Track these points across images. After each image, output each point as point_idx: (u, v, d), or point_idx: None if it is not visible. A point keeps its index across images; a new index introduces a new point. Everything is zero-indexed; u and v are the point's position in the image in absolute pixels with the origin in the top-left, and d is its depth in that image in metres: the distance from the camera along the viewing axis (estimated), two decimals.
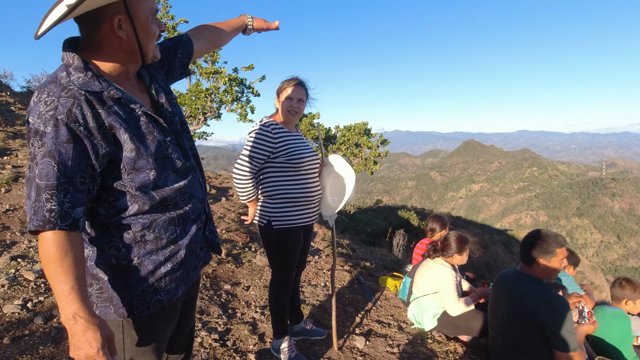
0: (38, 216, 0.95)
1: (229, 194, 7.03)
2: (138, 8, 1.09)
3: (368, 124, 11.98)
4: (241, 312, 3.12)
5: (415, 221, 18.66)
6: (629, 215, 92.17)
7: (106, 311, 1.15)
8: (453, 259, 3.07)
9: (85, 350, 0.96)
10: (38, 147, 0.97)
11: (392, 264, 5.40)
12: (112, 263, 1.14)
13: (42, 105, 0.98)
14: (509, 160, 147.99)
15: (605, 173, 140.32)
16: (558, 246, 2.22)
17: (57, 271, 0.95)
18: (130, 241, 1.15)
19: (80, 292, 0.97)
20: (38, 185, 0.95)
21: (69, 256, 0.97)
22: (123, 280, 1.16)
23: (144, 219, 1.16)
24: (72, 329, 0.96)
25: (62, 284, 0.95)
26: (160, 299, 1.22)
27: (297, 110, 2.33)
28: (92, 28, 1.07)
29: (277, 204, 2.26)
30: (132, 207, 1.14)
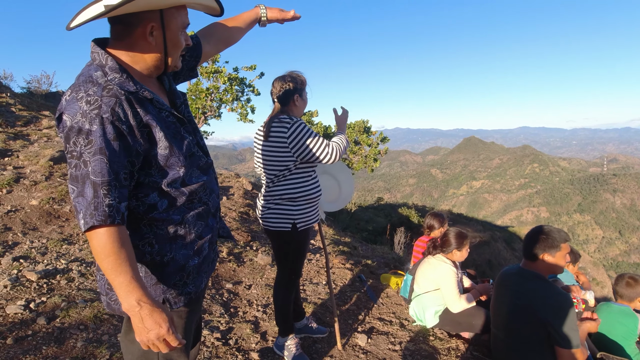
0: (99, 212, 0.98)
1: (230, 192, 7.04)
2: (172, 20, 1.15)
3: (368, 122, 11.99)
4: (243, 310, 3.13)
5: (415, 218, 18.68)
6: (631, 210, 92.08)
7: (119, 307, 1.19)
8: (453, 255, 3.07)
9: (156, 331, 1.04)
10: (84, 145, 1.00)
11: (393, 262, 5.40)
12: (147, 259, 1.18)
13: (84, 103, 1.01)
14: (509, 156, 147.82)
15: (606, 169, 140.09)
16: (562, 241, 2.23)
17: (116, 263, 1.00)
18: (163, 237, 1.19)
19: (139, 280, 1.03)
20: (94, 182, 0.99)
21: (124, 248, 1.02)
22: (157, 275, 1.20)
23: (176, 215, 1.21)
24: (138, 315, 1.02)
25: (122, 275, 1.00)
26: (189, 291, 1.28)
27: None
28: (125, 30, 1.12)
29: (299, 206, 2.25)
30: (163, 202, 1.18)
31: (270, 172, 2.25)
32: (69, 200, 4.62)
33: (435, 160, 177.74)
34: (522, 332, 2.25)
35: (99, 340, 2.37)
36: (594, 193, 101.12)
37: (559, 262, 2.22)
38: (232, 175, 8.53)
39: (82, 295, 2.81)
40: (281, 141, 2.15)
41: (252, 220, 5.84)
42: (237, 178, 8.16)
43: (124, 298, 1.01)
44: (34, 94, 10.82)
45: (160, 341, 1.05)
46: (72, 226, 4.11)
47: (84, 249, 3.64)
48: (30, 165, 5.47)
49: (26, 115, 8.16)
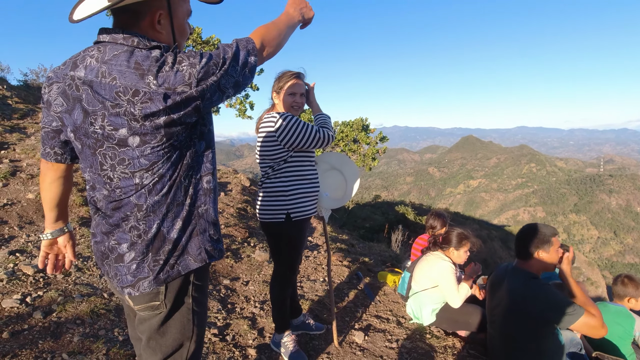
0: None
1: (228, 189, 7.02)
2: (178, 7, 1.18)
3: (367, 120, 11.97)
4: (240, 307, 3.13)
5: (411, 216, 18.73)
6: (626, 211, 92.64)
7: (186, 264, 1.21)
8: (450, 254, 3.07)
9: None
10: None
11: (390, 259, 5.42)
12: (185, 212, 1.19)
13: (185, 64, 1.06)
14: (507, 156, 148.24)
15: (602, 169, 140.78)
16: (552, 235, 2.25)
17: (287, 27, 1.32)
18: (200, 188, 1.23)
19: None
20: None
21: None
22: (194, 227, 1.23)
23: (210, 164, 1.26)
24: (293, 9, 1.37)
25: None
26: (221, 248, 1.32)
27: (300, 105, 2.33)
28: (132, 19, 1.13)
29: (294, 197, 2.26)
30: (201, 144, 1.22)
31: (265, 165, 2.29)
32: None
33: (433, 158, 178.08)
34: (520, 331, 2.26)
35: (95, 335, 2.36)
36: (590, 193, 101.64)
37: (552, 258, 2.24)
38: (230, 171, 8.52)
39: (78, 290, 2.80)
40: (270, 134, 2.18)
41: (249, 216, 5.83)
42: (235, 174, 8.15)
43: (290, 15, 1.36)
44: (30, 87, 10.75)
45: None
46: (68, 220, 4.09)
47: (81, 243, 3.62)
48: (26, 158, 5.43)
49: (23, 108, 8.10)
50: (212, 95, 1.10)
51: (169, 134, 1.08)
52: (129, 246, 1.15)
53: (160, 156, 1.10)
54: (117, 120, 1.04)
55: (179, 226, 1.18)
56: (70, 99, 1.11)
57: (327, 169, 2.71)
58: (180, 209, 1.18)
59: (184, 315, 1.24)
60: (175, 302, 1.22)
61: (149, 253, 1.16)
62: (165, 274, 1.17)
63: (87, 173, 1.18)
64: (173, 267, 1.19)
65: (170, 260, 1.18)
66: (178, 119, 1.07)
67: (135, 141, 1.06)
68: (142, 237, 1.14)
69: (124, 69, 1.03)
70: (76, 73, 1.09)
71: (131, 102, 1.02)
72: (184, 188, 1.18)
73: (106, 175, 1.12)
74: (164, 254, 1.16)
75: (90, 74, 1.06)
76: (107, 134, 1.06)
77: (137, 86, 1.01)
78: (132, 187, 1.11)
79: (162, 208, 1.14)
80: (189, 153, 1.18)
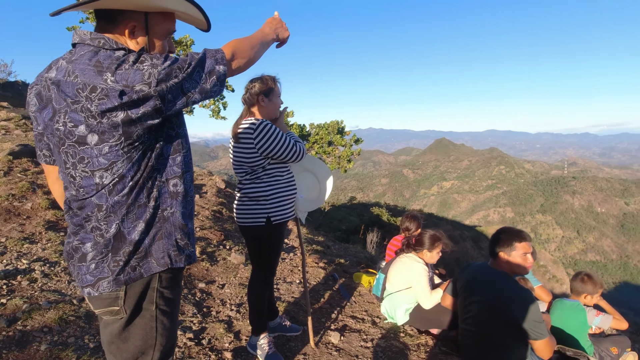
0: None
1: (203, 191, 6.92)
2: (156, 23, 1.21)
3: (342, 123, 12.08)
4: (216, 310, 3.10)
5: (385, 217, 19.05)
6: (588, 211, 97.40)
7: (149, 266, 1.21)
8: (424, 255, 3.16)
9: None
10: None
11: (365, 261, 5.49)
12: (149, 213, 1.20)
13: (147, 65, 1.08)
14: (478, 158, 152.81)
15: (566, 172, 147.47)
16: (518, 241, 2.31)
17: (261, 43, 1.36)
18: (166, 191, 1.24)
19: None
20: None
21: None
22: (158, 230, 1.23)
23: (178, 168, 1.26)
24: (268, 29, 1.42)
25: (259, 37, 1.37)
26: (189, 254, 1.32)
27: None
28: (107, 26, 1.17)
29: (274, 201, 2.27)
30: (168, 148, 1.23)
31: (243, 173, 2.28)
32: (30, 196, 4.40)
33: (408, 160, 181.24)
34: (492, 329, 2.34)
35: (64, 342, 2.29)
36: (555, 194, 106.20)
37: (515, 261, 2.31)
38: (205, 173, 8.40)
39: (45, 297, 2.70)
40: (248, 143, 2.16)
41: (225, 218, 5.78)
42: (210, 176, 8.04)
43: (265, 32, 1.42)
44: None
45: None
46: (33, 224, 3.93)
47: (47, 248, 3.49)
48: None
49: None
50: (175, 98, 1.12)
51: (128, 133, 1.09)
52: (92, 246, 1.16)
53: (119, 156, 1.10)
54: (76, 117, 1.06)
55: (141, 228, 1.18)
56: (43, 100, 1.14)
57: (300, 171, 2.74)
58: (143, 211, 1.18)
59: (146, 322, 1.24)
60: (136, 308, 1.21)
61: (108, 253, 1.16)
62: (126, 276, 1.17)
63: (60, 173, 1.21)
64: (135, 269, 1.19)
65: (131, 261, 1.18)
66: (137, 118, 1.08)
67: (93, 139, 1.07)
68: (104, 237, 1.15)
69: (85, 66, 1.06)
70: (49, 74, 1.12)
71: (89, 98, 1.04)
72: (147, 190, 1.19)
73: (70, 174, 1.14)
74: (125, 255, 1.17)
75: (59, 74, 1.09)
76: (67, 130, 1.08)
77: (94, 82, 1.03)
78: (93, 187, 1.12)
79: (122, 209, 1.15)
80: (153, 155, 1.18)
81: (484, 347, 2.40)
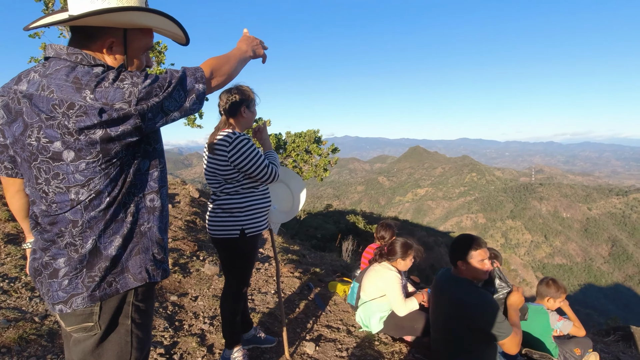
0: None
1: (176, 200, 6.78)
2: (135, 40, 1.21)
3: (319, 132, 12.16)
4: (189, 323, 3.03)
5: (361, 224, 19.20)
6: (554, 217, 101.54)
7: (125, 282, 1.19)
8: (397, 264, 3.21)
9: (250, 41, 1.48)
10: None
11: (341, 269, 5.51)
12: (126, 228, 1.18)
13: (128, 84, 1.07)
14: (451, 166, 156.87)
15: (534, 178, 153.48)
16: (474, 249, 2.35)
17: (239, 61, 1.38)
18: (143, 206, 1.23)
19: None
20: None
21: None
22: (135, 245, 1.21)
23: (155, 183, 1.25)
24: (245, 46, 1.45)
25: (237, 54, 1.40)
26: (165, 268, 1.31)
27: None
28: (84, 41, 1.15)
29: (248, 213, 2.24)
30: (145, 163, 1.23)
31: (217, 184, 2.25)
32: None
33: (383, 168, 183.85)
34: (458, 335, 2.40)
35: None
36: (524, 201, 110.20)
37: (474, 268, 2.36)
38: (178, 182, 8.23)
39: (4, 315, 2.56)
40: (223, 156, 2.15)
41: (199, 229, 5.67)
42: (184, 185, 7.89)
43: (242, 49, 1.44)
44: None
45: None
46: None
47: (7, 263, 3.32)
48: None
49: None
50: (155, 117, 1.12)
51: (106, 150, 1.08)
52: (65, 261, 1.13)
53: (96, 172, 1.09)
54: (51, 133, 1.04)
55: (118, 243, 1.17)
56: (12, 112, 1.11)
57: (274, 182, 2.74)
58: (120, 226, 1.17)
59: (121, 337, 1.22)
60: (112, 323, 1.19)
61: (83, 269, 1.13)
62: (102, 291, 1.15)
63: (27, 187, 1.18)
64: (111, 284, 1.17)
65: (107, 277, 1.16)
66: (116, 136, 1.07)
67: (69, 156, 1.06)
68: (78, 252, 1.12)
69: (62, 82, 1.04)
70: (19, 87, 1.10)
71: (66, 115, 1.02)
72: (124, 205, 1.18)
73: (42, 190, 1.11)
74: (100, 271, 1.15)
75: (32, 87, 1.07)
76: (41, 146, 1.06)
77: (72, 99, 1.02)
78: (68, 203, 1.10)
79: (99, 224, 1.13)
80: (131, 171, 1.18)
81: (454, 353, 2.46)
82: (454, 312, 2.38)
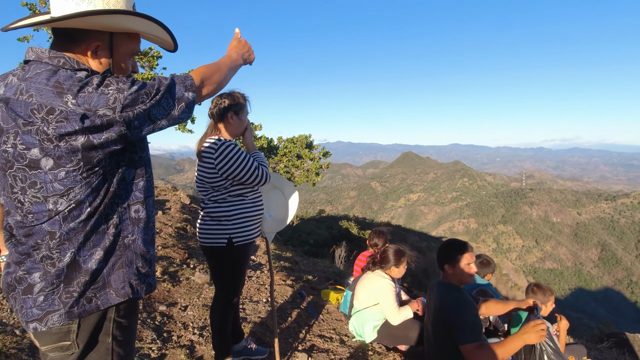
0: None
1: (166, 207, 6.68)
2: (121, 45, 1.17)
3: (310, 136, 12.12)
4: (177, 334, 2.95)
5: (354, 230, 19.14)
6: (545, 221, 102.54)
7: (107, 298, 1.12)
8: (391, 271, 3.17)
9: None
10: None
11: (334, 276, 5.46)
12: (108, 240, 1.13)
13: (113, 90, 1.03)
14: (443, 171, 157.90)
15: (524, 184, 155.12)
16: (461, 253, 2.36)
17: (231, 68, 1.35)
18: (127, 217, 1.17)
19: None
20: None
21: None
22: (118, 258, 1.16)
23: (140, 193, 1.19)
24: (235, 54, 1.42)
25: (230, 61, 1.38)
26: (150, 282, 1.25)
27: None
28: (67, 44, 1.10)
29: (236, 221, 2.19)
30: (130, 172, 1.18)
31: (205, 192, 2.21)
32: None
33: (375, 173, 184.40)
34: (445, 342, 2.36)
35: None
36: (515, 206, 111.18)
37: (460, 272, 2.36)
38: (169, 188, 8.13)
39: None
40: (209, 164, 2.11)
41: (189, 236, 5.58)
42: (175, 191, 7.80)
43: (232, 57, 1.41)
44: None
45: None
46: None
47: None
48: None
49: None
50: (142, 125, 1.07)
51: (88, 158, 1.02)
52: (41, 276, 1.06)
53: (77, 181, 1.03)
54: (29, 139, 0.98)
55: (100, 256, 1.10)
56: None
57: (270, 189, 2.70)
58: (102, 238, 1.11)
59: (101, 356, 1.15)
60: (91, 341, 1.12)
61: (60, 284, 1.06)
62: (81, 308, 1.08)
63: (2, 197, 1.11)
64: (91, 300, 1.10)
65: (87, 293, 1.09)
66: (99, 144, 1.02)
67: (48, 164, 1.00)
68: (55, 266, 1.06)
69: (42, 86, 0.99)
70: None
71: (45, 120, 0.97)
72: (107, 216, 1.12)
73: (17, 199, 1.05)
74: (79, 286, 1.08)
75: (9, 91, 1.01)
76: (18, 153, 1.00)
77: (52, 104, 0.97)
78: (45, 213, 1.04)
79: (78, 236, 1.07)
80: (115, 180, 1.12)
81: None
82: (438, 316, 2.36)
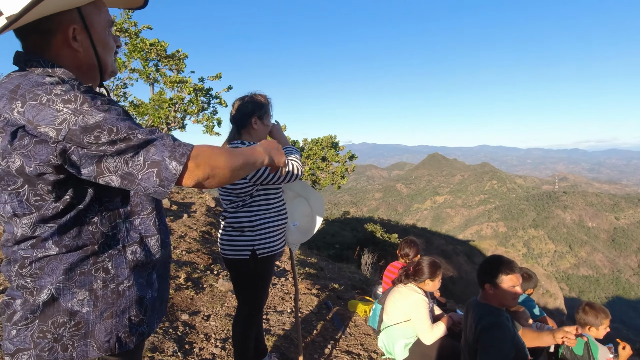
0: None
1: (192, 210, 6.69)
2: (94, 18, 0.99)
3: (336, 137, 11.97)
4: (199, 346, 2.85)
5: (379, 233, 18.85)
6: (579, 226, 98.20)
7: (85, 349, 0.94)
8: (425, 285, 2.96)
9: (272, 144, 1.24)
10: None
11: (360, 284, 5.27)
12: (97, 287, 0.96)
13: (60, 104, 0.84)
14: (470, 173, 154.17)
15: (557, 187, 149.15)
16: (505, 273, 2.14)
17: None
18: (122, 260, 1.01)
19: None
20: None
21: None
22: (108, 308, 0.97)
23: (135, 232, 1.03)
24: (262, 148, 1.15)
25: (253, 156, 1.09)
26: (143, 331, 1.05)
27: None
28: (43, 41, 0.94)
29: (260, 232, 2.06)
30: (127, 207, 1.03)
31: (229, 200, 2.08)
32: None
33: (401, 175, 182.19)
34: None
35: None
36: (547, 209, 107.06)
37: (502, 294, 2.14)
38: (195, 191, 8.17)
39: None
40: None
41: (214, 240, 5.54)
42: (200, 194, 7.82)
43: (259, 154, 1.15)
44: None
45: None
46: None
47: None
48: None
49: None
50: (83, 166, 0.84)
51: (31, 182, 0.85)
52: (21, 304, 0.92)
53: (25, 208, 0.87)
54: None
55: (84, 298, 0.94)
56: None
57: (294, 197, 2.55)
58: (87, 280, 0.95)
59: None
60: None
61: (35, 320, 0.91)
62: (53, 355, 0.91)
63: None
64: (66, 349, 0.93)
65: (63, 338, 0.92)
66: (30, 172, 0.83)
67: None
68: (33, 296, 0.91)
69: (4, 91, 0.84)
70: None
71: None
72: (95, 255, 0.96)
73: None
74: (55, 327, 0.92)
75: None
76: None
77: (1, 110, 0.82)
78: (11, 236, 0.91)
79: (56, 270, 0.92)
80: (96, 218, 0.95)
81: None
82: (473, 339, 2.15)
